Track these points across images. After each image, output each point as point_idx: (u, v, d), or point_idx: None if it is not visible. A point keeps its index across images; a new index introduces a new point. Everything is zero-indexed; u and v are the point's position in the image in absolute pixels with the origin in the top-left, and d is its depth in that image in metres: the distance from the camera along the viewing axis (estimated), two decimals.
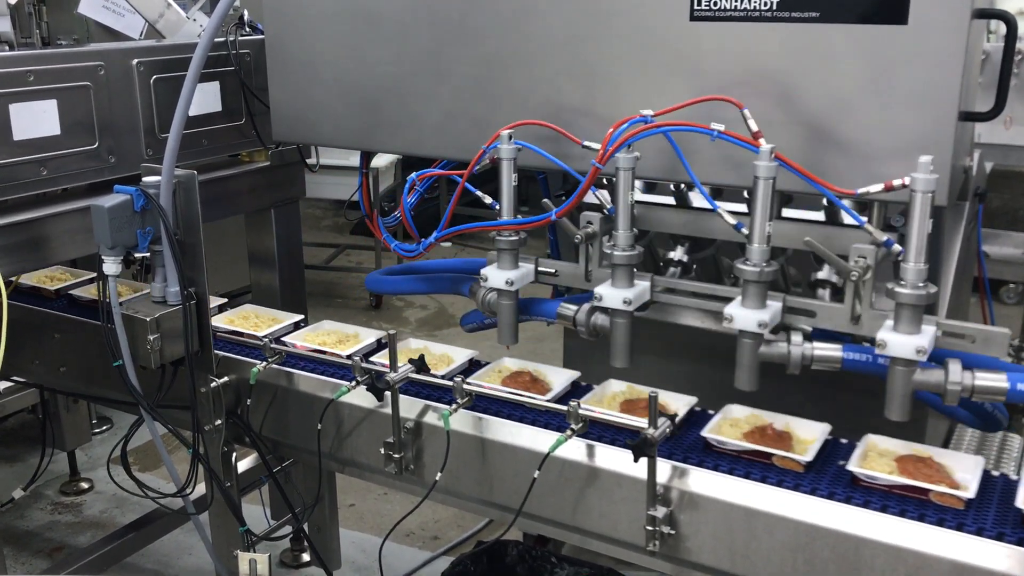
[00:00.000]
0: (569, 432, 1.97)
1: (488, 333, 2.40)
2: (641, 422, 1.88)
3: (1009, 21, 1.84)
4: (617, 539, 1.99)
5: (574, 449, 2.00)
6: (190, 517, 2.52)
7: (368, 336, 2.53)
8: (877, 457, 1.89)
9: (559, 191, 2.57)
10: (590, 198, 2.23)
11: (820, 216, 2.18)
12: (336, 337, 2.53)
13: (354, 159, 2.76)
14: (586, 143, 2.08)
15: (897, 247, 1.79)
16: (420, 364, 2.20)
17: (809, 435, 1.98)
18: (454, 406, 2.11)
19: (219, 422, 2.41)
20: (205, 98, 2.82)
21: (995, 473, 1.89)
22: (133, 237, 2.23)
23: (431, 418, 2.18)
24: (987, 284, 3.39)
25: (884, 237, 1.81)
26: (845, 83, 1.85)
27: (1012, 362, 4.31)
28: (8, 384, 3.77)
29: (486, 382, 2.23)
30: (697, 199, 2.20)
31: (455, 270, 2.58)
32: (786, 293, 2.42)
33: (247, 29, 3.00)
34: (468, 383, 2.15)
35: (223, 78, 2.88)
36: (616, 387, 2.20)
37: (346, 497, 3.86)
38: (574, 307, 2.18)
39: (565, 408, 1.99)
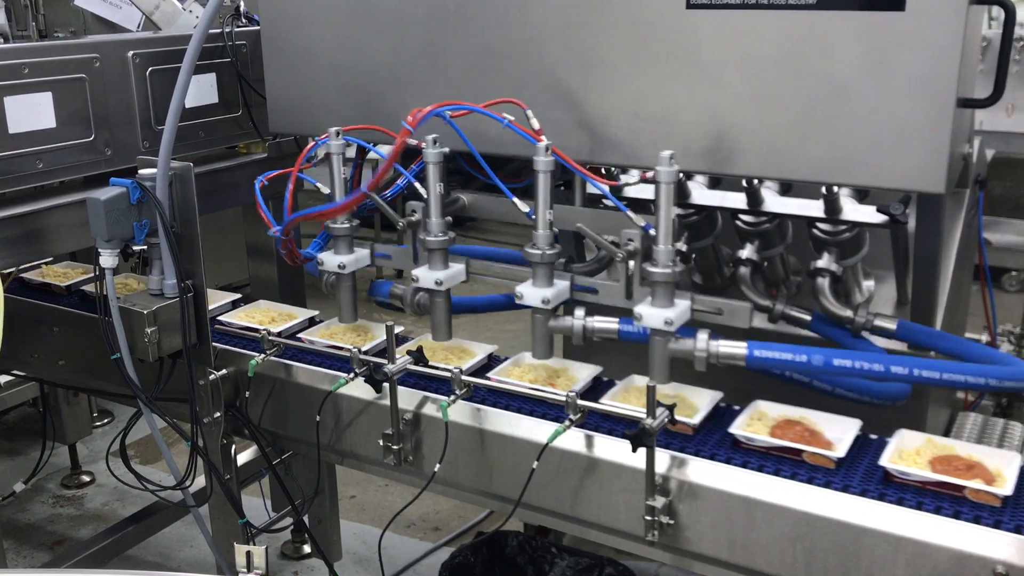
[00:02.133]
0: (567, 423, 1.97)
1: (507, 329, 2.41)
2: (639, 412, 1.87)
3: (1007, 7, 1.83)
4: (616, 529, 1.99)
5: (573, 440, 1.99)
6: (190, 510, 2.52)
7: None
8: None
9: (558, 182, 2.56)
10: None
11: (818, 203, 2.18)
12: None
13: (351, 150, 2.74)
14: (412, 141, 2.15)
15: (653, 231, 1.95)
16: (418, 356, 2.20)
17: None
18: (452, 397, 2.11)
19: (218, 415, 2.41)
20: (201, 90, 2.80)
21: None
22: (130, 230, 2.22)
23: (430, 409, 2.17)
24: (988, 271, 3.38)
25: (642, 223, 1.99)
26: (842, 70, 1.83)
27: (1013, 351, 4.31)
28: (8, 378, 3.77)
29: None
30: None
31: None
32: (785, 281, 2.42)
33: (243, 20, 2.99)
34: (467, 375, 2.14)
35: (219, 70, 2.87)
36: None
37: (347, 489, 3.86)
38: (403, 287, 2.42)
39: (563, 399, 1.98)
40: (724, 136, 1.99)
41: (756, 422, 2.00)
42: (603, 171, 2.40)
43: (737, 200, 2.30)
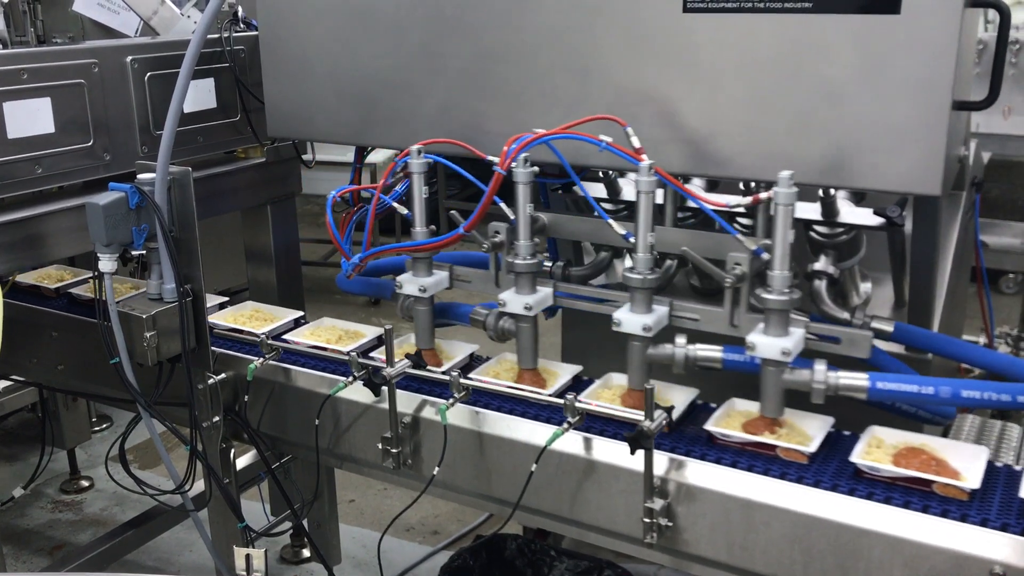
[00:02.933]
0: (566, 425, 1.97)
1: None
2: (637, 414, 1.88)
3: (1003, 10, 1.83)
4: (615, 532, 1.99)
5: (571, 442, 2.00)
6: (189, 514, 2.52)
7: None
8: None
9: (555, 187, 2.57)
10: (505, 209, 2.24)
11: (815, 207, 2.18)
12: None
13: (351, 154, 2.75)
14: (489, 158, 2.14)
15: (766, 255, 1.86)
16: (417, 359, 2.20)
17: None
18: (451, 400, 2.11)
19: (217, 419, 2.41)
20: (200, 95, 2.81)
21: (998, 464, 1.89)
22: (128, 234, 2.22)
23: (428, 413, 2.18)
24: (984, 274, 3.39)
25: (753, 247, 1.89)
26: (839, 73, 1.84)
27: (1010, 353, 4.32)
28: (7, 383, 3.77)
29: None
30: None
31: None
32: None
33: (241, 25, 3.00)
34: (466, 378, 2.15)
35: (218, 75, 2.88)
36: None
37: (346, 493, 3.86)
38: (485, 311, 2.28)
39: (562, 402, 1.99)
40: (721, 139, 1.99)
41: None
42: (601, 175, 2.41)
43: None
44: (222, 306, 2.73)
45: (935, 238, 2.27)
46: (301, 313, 2.67)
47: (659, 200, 2.09)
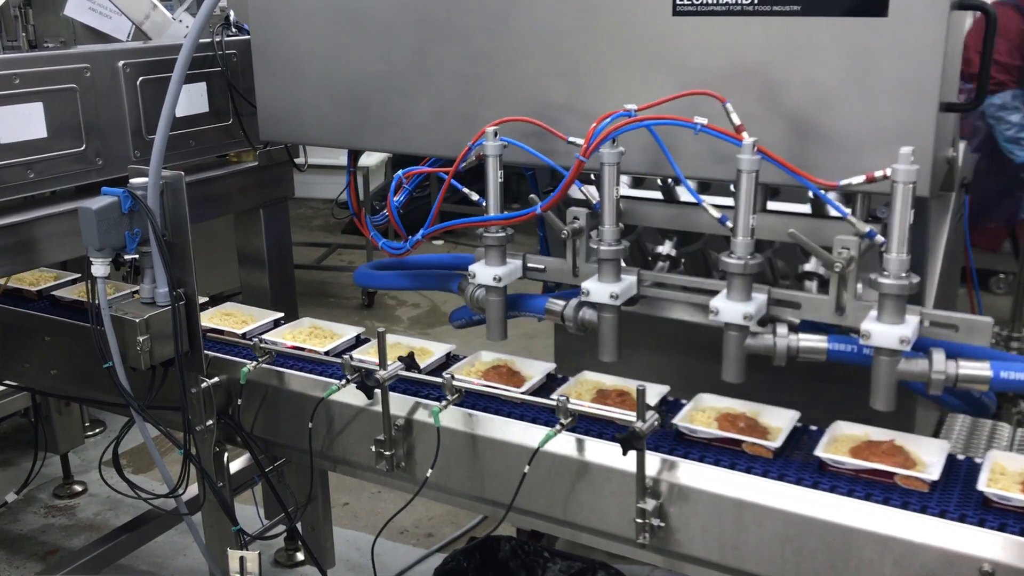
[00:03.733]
0: (558, 427, 1.98)
1: (479, 330, 2.41)
2: (629, 415, 1.89)
3: (988, 13, 1.85)
4: (607, 532, 2.00)
5: (564, 444, 2.01)
6: (183, 518, 2.52)
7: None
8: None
9: (547, 187, 2.58)
10: (576, 193, 2.24)
11: (806, 208, 2.19)
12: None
13: (344, 158, 2.76)
14: (571, 139, 2.08)
15: (880, 238, 1.81)
16: (410, 362, 2.21)
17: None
18: (444, 403, 2.12)
19: (210, 422, 2.42)
20: (192, 99, 2.82)
21: (960, 456, 1.92)
22: (121, 239, 2.23)
23: (421, 415, 2.19)
24: (975, 274, 3.41)
25: (867, 228, 1.82)
26: (827, 76, 1.86)
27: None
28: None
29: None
30: (684, 194, 2.21)
31: (444, 266, 2.58)
32: (773, 285, 2.43)
33: (233, 30, 3.00)
34: (458, 380, 2.16)
35: (210, 79, 2.88)
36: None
37: (340, 496, 3.86)
38: (562, 303, 2.19)
39: (554, 403, 2.00)
40: (712, 141, 2.00)
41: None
42: (593, 177, 2.42)
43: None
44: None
45: (924, 239, 2.29)
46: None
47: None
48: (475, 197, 2.29)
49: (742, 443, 1.93)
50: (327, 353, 2.40)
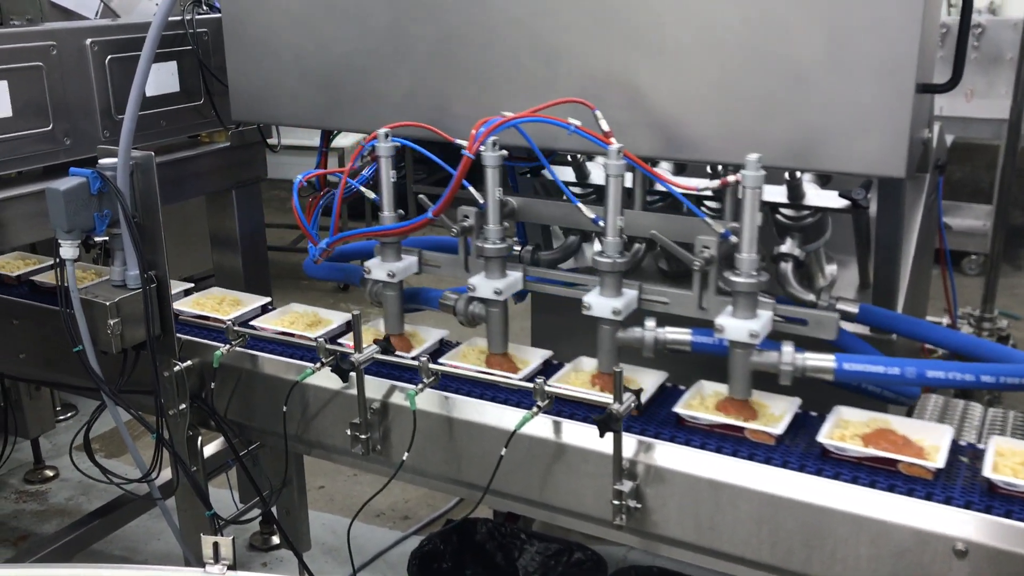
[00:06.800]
0: (535, 409, 1.97)
1: None
2: (606, 398, 1.88)
3: None
4: (585, 514, 2.00)
5: (541, 426, 2.00)
6: (156, 503, 2.50)
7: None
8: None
9: (523, 171, 2.56)
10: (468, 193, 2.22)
11: (779, 190, 2.19)
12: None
13: (318, 139, 2.73)
14: (457, 141, 2.13)
15: (734, 239, 1.87)
16: (385, 345, 2.19)
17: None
18: (420, 386, 2.11)
19: (183, 406, 2.39)
20: (162, 78, 2.77)
21: (962, 443, 1.92)
22: (90, 220, 2.19)
23: (397, 398, 2.17)
24: (948, 255, 3.44)
25: (721, 230, 1.90)
26: (803, 54, 1.85)
27: (973, 332, 4.39)
28: None
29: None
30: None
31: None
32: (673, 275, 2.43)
33: (204, 8, 2.95)
34: (436, 363, 2.14)
35: (181, 57, 2.83)
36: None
37: (315, 479, 3.85)
38: (455, 296, 2.27)
39: (532, 385, 1.99)
40: (686, 121, 2.00)
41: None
42: (570, 158, 2.41)
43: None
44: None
45: (899, 220, 2.30)
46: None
47: (628, 183, 2.09)
48: (371, 196, 2.28)
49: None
50: (316, 339, 2.35)
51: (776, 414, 1.98)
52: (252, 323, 2.48)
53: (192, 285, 2.74)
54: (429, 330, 2.42)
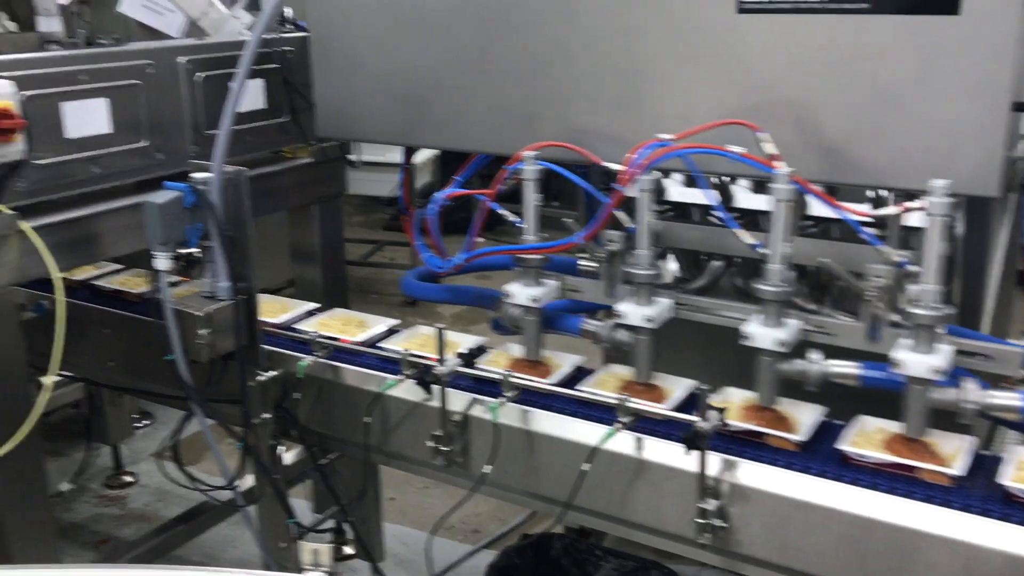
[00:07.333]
0: (618, 425, 1.98)
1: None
2: (689, 416, 1.88)
3: None
4: (665, 531, 2.00)
5: (622, 442, 2.00)
6: (239, 509, 2.55)
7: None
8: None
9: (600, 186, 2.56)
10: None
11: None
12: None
13: (391, 155, 2.78)
14: (606, 164, 2.09)
15: (912, 268, 1.79)
16: (468, 358, 2.22)
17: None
18: (501, 400, 2.13)
19: (267, 416, 2.44)
20: (250, 95, 2.84)
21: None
22: (183, 233, 2.25)
23: (478, 411, 2.19)
24: None
25: (898, 258, 1.82)
26: (895, 74, 1.84)
27: None
28: (55, 378, 3.81)
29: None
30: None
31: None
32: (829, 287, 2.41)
33: (288, 26, 3.03)
34: (516, 377, 2.16)
35: (267, 75, 2.91)
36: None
37: (385, 491, 3.88)
38: (598, 323, 2.21)
39: (614, 402, 2.00)
40: (775, 142, 1.99)
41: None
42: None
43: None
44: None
45: (987, 240, 2.26)
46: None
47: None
48: (511, 218, 2.27)
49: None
50: (362, 343, 2.38)
51: (948, 452, 1.86)
52: (296, 326, 2.56)
53: (318, 305, 2.78)
54: (565, 355, 2.35)
